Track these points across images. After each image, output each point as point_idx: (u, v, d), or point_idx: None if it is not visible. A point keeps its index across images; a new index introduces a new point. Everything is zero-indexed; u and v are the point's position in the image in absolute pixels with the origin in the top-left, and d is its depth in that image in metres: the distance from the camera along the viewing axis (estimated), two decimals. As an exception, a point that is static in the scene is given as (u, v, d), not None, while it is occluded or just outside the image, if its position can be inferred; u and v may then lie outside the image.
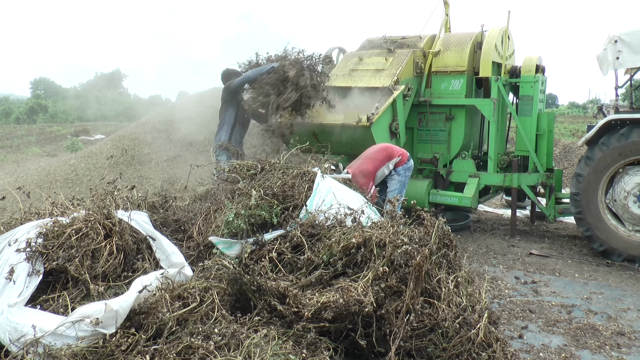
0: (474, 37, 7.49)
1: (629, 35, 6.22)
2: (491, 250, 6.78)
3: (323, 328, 2.89)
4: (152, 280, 2.94)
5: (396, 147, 6.15)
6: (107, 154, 9.60)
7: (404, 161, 5.99)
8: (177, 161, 9.01)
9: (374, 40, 8.09)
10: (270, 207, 3.74)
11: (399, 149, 6.09)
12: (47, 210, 3.63)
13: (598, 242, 6.38)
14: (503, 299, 5.06)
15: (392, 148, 6.06)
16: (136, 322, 2.72)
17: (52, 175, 9.55)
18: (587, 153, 6.49)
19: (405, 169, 6.01)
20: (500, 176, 7.30)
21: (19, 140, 23.91)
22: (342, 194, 4.10)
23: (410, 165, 6.08)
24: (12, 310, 2.74)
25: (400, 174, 5.99)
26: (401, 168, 5.99)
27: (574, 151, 15.83)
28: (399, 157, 5.94)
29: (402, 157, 5.99)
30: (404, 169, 6.01)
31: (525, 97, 7.33)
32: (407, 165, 6.03)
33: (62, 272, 3.09)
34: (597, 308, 4.86)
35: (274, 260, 3.33)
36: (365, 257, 3.17)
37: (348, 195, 4.21)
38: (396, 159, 5.91)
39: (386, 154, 5.93)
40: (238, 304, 3.10)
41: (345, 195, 4.15)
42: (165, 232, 3.76)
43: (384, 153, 5.93)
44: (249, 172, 4.33)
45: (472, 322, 2.99)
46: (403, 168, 6.00)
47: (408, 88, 7.16)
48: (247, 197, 3.87)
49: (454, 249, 3.55)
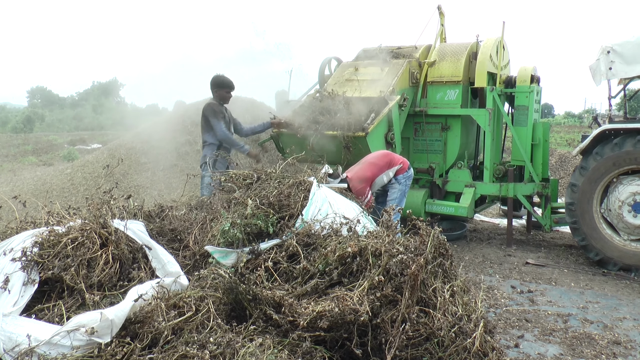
0: (469, 48, 7.54)
1: (622, 46, 6.27)
2: (487, 259, 6.79)
3: (318, 337, 2.89)
4: (147, 289, 2.94)
5: (397, 155, 6.15)
6: (104, 163, 9.60)
7: (404, 169, 5.98)
8: (174, 170, 9.02)
9: (369, 50, 8.14)
10: (267, 217, 3.75)
11: (400, 157, 6.09)
12: (43, 219, 3.63)
13: (594, 252, 6.40)
14: (499, 308, 5.06)
15: (393, 155, 6.06)
16: (132, 331, 2.72)
17: (48, 185, 9.54)
18: (582, 163, 6.52)
19: (405, 178, 6.00)
20: (496, 186, 7.32)
21: (15, 150, 23.88)
22: (338, 203, 4.12)
23: (410, 174, 6.07)
24: (6, 319, 2.73)
25: (400, 182, 5.97)
26: (402, 176, 5.97)
27: (570, 161, 15.87)
28: (400, 164, 5.95)
29: (403, 165, 5.99)
30: (405, 177, 5.99)
31: (521, 107, 7.37)
32: (408, 173, 6.02)
33: (57, 282, 3.09)
34: (593, 317, 4.87)
35: (270, 269, 3.33)
36: (360, 266, 3.18)
37: (344, 205, 4.22)
38: (397, 167, 5.90)
39: (388, 160, 5.93)
40: (234, 313, 3.10)
41: (341, 205, 4.16)
42: (161, 241, 3.76)
43: (386, 159, 5.93)
44: (244, 182, 4.35)
45: (468, 332, 2.99)
46: (404, 176, 5.99)
47: (404, 98, 7.19)
48: (243, 206, 3.88)
49: (449, 258, 3.56)
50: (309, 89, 8.26)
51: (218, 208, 4.05)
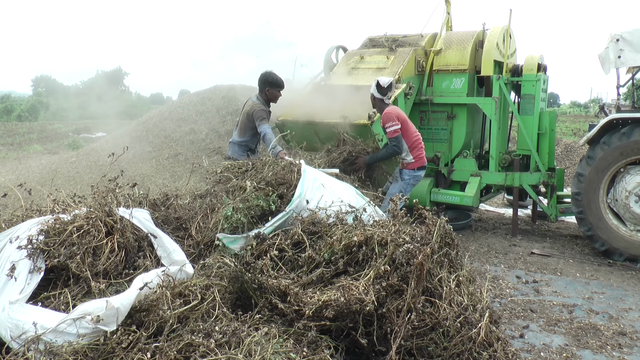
0: (475, 36, 7.48)
1: (631, 34, 6.20)
2: (492, 249, 6.77)
3: (324, 326, 2.89)
4: (153, 277, 2.94)
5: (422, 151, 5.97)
6: (109, 151, 9.61)
7: (413, 167, 5.87)
8: (178, 159, 9.02)
9: (375, 38, 8.08)
10: (267, 196, 3.82)
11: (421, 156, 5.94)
12: (49, 207, 3.63)
13: (599, 242, 6.37)
14: (504, 298, 5.05)
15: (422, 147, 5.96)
16: (137, 319, 2.72)
17: (53, 173, 9.56)
18: (589, 152, 6.48)
19: (411, 176, 5.89)
20: (502, 175, 7.29)
21: (20, 138, 23.93)
22: (329, 182, 4.24)
23: (418, 174, 5.95)
24: (13, 307, 2.74)
25: (404, 178, 5.89)
26: (407, 172, 5.88)
27: (576, 150, 15.81)
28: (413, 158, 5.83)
29: (416, 162, 5.86)
30: (410, 175, 5.89)
31: (527, 96, 7.32)
32: (415, 172, 5.91)
33: (63, 270, 3.09)
34: (598, 308, 4.86)
35: (275, 258, 3.33)
36: (366, 255, 3.17)
37: (335, 183, 4.35)
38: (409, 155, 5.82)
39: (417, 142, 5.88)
40: (239, 301, 3.11)
41: (332, 183, 4.29)
42: (166, 229, 3.76)
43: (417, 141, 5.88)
44: (240, 170, 4.40)
45: (473, 322, 2.99)
46: (409, 173, 5.88)
47: (409, 86, 7.14)
48: (242, 191, 3.92)
49: (455, 248, 3.55)
50: (314, 77, 8.21)
51: (220, 195, 4.07)
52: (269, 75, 5.93)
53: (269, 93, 5.93)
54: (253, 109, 5.84)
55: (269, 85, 5.92)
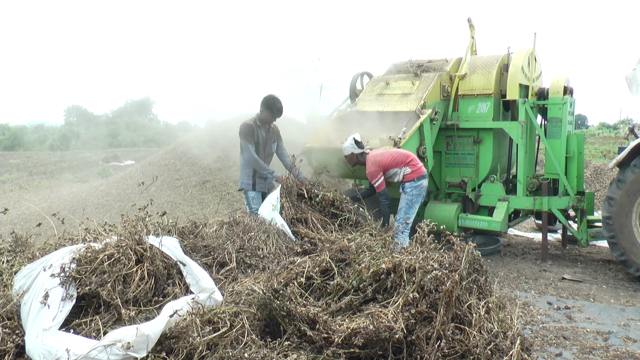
0: (500, 60, 7.48)
1: (659, 56, 6.14)
2: (522, 274, 6.65)
3: (353, 354, 2.87)
4: (182, 304, 2.97)
5: (418, 162, 6.16)
6: (138, 180, 9.77)
7: (412, 178, 5.98)
8: (206, 187, 9.12)
9: (400, 64, 8.14)
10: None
11: (419, 165, 6.11)
12: (80, 236, 3.71)
13: (634, 267, 6.21)
14: (535, 325, 4.95)
15: (413, 158, 6.11)
16: (167, 346, 2.75)
17: (84, 201, 9.75)
18: (619, 175, 6.36)
19: (412, 187, 5.99)
20: (530, 200, 7.20)
21: (52, 167, 24.49)
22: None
23: (419, 184, 6.03)
24: (46, 333, 2.80)
25: (407, 192, 6.00)
26: (409, 184, 5.98)
27: (606, 173, 15.52)
28: (411, 170, 5.97)
29: (415, 171, 6.00)
30: (412, 186, 5.99)
31: (554, 119, 7.25)
32: (415, 183, 5.99)
33: (94, 297, 3.15)
34: (636, 335, 4.71)
35: (303, 285, 3.33)
36: (395, 282, 3.16)
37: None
38: (407, 168, 5.94)
39: (407, 159, 6.02)
40: (268, 328, 3.11)
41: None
42: (195, 257, 3.80)
43: (405, 158, 6.03)
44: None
45: (504, 349, 2.94)
46: (410, 185, 5.99)
47: (435, 112, 7.15)
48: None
49: (484, 274, 3.51)
50: (340, 103, 8.29)
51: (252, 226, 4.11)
52: (268, 98, 6.22)
53: (261, 113, 6.25)
54: (239, 127, 6.19)
55: (262, 106, 6.23)
